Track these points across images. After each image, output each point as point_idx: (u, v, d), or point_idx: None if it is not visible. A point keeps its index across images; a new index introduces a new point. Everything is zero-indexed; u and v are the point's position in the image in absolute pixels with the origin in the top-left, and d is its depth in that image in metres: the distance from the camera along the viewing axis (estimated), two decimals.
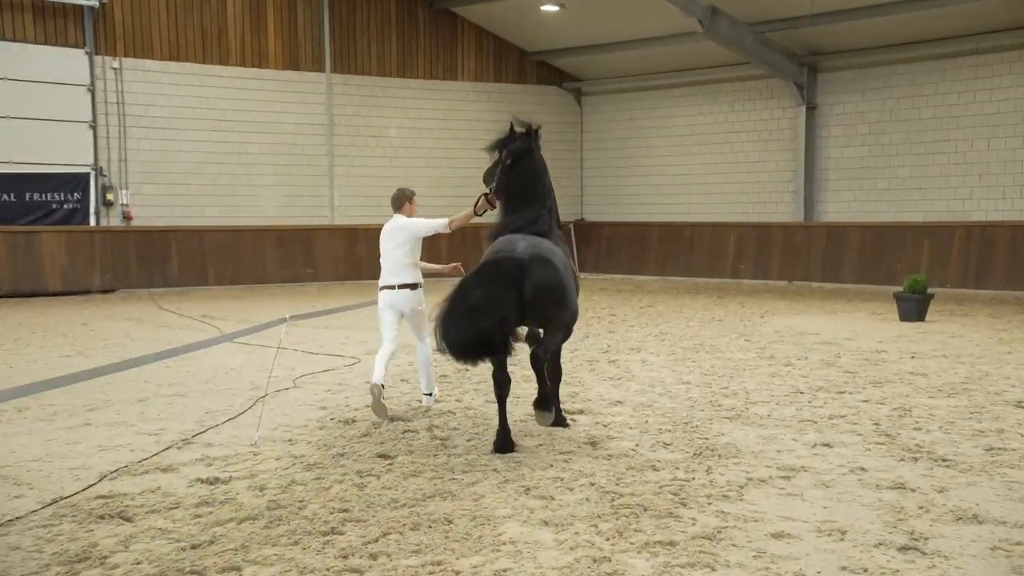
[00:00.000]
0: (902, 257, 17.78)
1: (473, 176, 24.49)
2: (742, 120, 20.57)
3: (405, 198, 7.89)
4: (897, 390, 8.03)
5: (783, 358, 9.88)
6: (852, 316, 13.79)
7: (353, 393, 8.18)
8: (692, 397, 7.85)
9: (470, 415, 7.21)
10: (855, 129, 18.98)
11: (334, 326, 12.78)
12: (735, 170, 20.76)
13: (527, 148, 6.79)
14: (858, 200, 19.01)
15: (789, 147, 19.85)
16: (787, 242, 19.56)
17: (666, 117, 21.86)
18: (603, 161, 23.15)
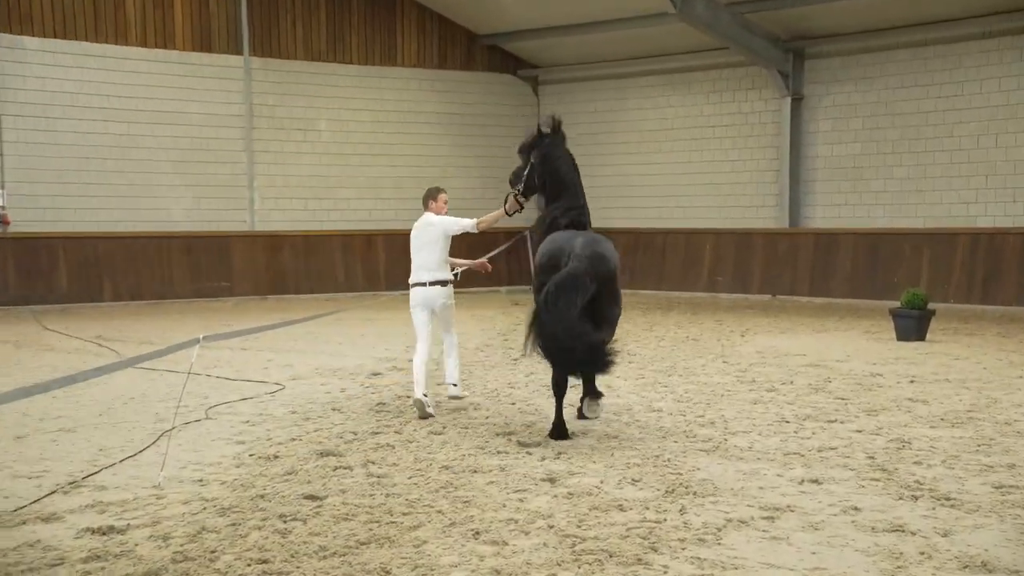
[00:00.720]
0: (899, 268, 18.12)
1: (418, 176, 24.91)
2: (719, 113, 20.87)
3: (430, 196, 9.22)
4: (894, 419, 8.17)
5: (766, 382, 10.00)
6: (843, 335, 14.01)
7: (276, 425, 8.09)
8: (664, 427, 7.91)
9: (411, 448, 7.18)
10: (846, 123, 19.35)
11: (254, 348, 12.65)
12: (712, 170, 21.04)
13: (559, 143, 8.26)
14: (850, 204, 19.37)
15: (772, 144, 20.18)
16: (770, 251, 19.86)
17: (634, 110, 22.10)
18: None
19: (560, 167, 8.15)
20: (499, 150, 23.01)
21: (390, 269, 21.24)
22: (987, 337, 13.55)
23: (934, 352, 12.13)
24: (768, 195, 20.36)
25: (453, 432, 7.75)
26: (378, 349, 12.74)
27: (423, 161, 22.04)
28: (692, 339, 13.59)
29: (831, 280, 19.00)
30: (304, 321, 12.99)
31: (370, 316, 16.60)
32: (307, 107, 20.87)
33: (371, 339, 13.74)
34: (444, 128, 22.33)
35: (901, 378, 10.21)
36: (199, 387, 9.72)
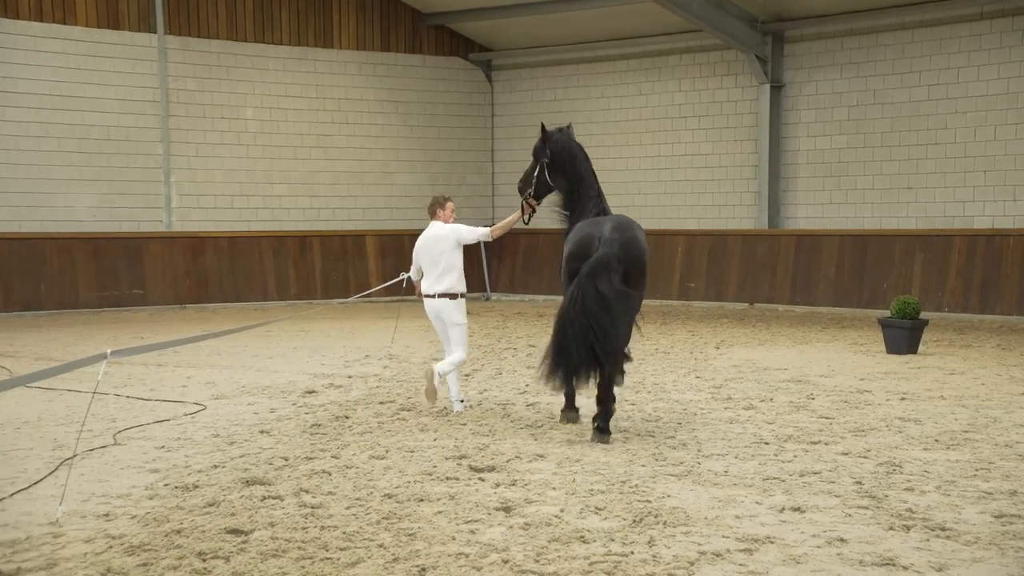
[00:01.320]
0: (889, 274, 18.37)
1: (358, 171, 24.84)
2: (691, 102, 21.05)
3: (437, 205, 9.80)
4: (884, 440, 8.26)
5: (743, 400, 10.08)
6: (828, 347, 14.17)
7: (195, 450, 8.00)
8: (631, 449, 7.93)
9: (350, 475, 7.13)
10: (831, 114, 19.60)
11: (171, 364, 12.50)
12: (683, 165, 21.21)
13: (566, 139, 9.28)
14: (835, 202, 19.61)
15: (750, 136, 20.39)
16: (747, 255, 20.05)
17: (598, 99, 22.22)
18: (520, 153, 23.23)
19: (570, 161, 9.12)
20: (448, 142, 23.04)
21: (327, 275, 21.16)
22: (985, 350, 13.77)
23: (927, 366, 12.31)
24: (745, 193, 20.56)
25: (397, 456, 7.71)
26: (313, 364, 12.66)
27: (363, 154, 21.99)
28: (662, 352, 13.66)
29: (814, 287, 19.20)
30: (229, 333, 12.87)
31: (304, 328, 16.50)
32: (231, 93, 20.70)
33: (305, 353, 13.65)
34: (387, 118, 22.27)
35: (891, 395, 10.34)
36: (106, 408, 9.57)
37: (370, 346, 14.31)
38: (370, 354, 13.53)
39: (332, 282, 21.22)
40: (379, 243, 21.77)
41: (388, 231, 22.00)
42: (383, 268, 21.37)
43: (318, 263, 21.21)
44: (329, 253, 21.23)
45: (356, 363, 12.79)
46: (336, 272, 21.32)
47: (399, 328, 15.09)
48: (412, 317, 17.85)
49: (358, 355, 13.46)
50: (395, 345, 14.15)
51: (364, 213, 22.06)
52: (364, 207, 22.06)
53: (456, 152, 23.12)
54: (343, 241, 21.47)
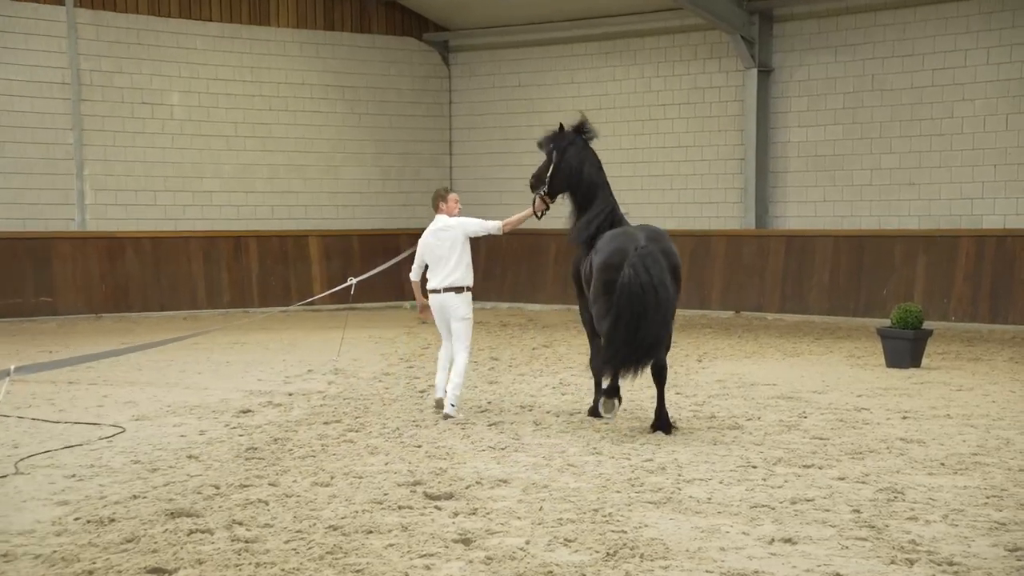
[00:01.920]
0: (889, 279, 18.48)
1: (300, 164, 24.66)
2: (671, 89, 21.13)
3: (439, 198, 10.48)
4: (884, 463, 8.31)
5: (728, 418, 10.11)
6: (821, 360, 14.24)
7: (112, 479, 7.90)
8: (604, 473, 7.93)
9: (290, 505, 7.08)
10: (825, 101, 19.70)
11: (85, 381, 12.36)
12: (661, 158, 21.28)
13: (583, 143, 10.35)
14: (829, 200, 19.72)
15: (735, 126, 20.49)
16: (732, 258, 20.14)
17: (567, 84, 22.25)
18: (480, 144, 23.32)
19: (586, 169, 10.21)
20: (401, 131, 22.98)
21: (265, 280, 21.02)
22: (996, 363, 13.88)
23: (932, 381, 12.40)
24: (730, 189, 20.65)
25: (343, 483, 7.67)
26: (248, 380, 12.58)
27: (305, 145, 21.87)
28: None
29: (806, 293, 19.31)
30: (153, 347, 12.76)
31: (239, 339, 16.40)
32: (154, 75, 20.51)
33: (239, 368, 13.57)
34: (331, 105, 22.17)
35: (892, 413, 10.40)
36: (7, 433, 9.45)
37: (313, 360, 14.23)
38: (313, 369, 13.46)
39: (270, 288, 21.06)
40: (323, 244, 21.66)
41: (333, 231, 21.91)
42: (328, 272, 21.27)
43: (254, 267, 21.07)
44: (267, 256, 21.08)
45: (297, 379, 12.71)
46: (275, 277, 21.18)
47: (346, 339, 15.02)
48: (360, 326, 17.80)
49: (300, 370, 13.39)
50: (342, 359, 14.08)
51: (306, 211, 21.94)
52: (306, 204, 21.94)
53: (409, 143, 23.06)
54: (283, 242, 21.34)
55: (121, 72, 20.22)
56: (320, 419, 10.10)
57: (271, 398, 11.33)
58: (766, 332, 17.42)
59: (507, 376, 12.84)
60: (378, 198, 22.68)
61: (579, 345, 15.67)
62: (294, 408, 10.77)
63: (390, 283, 21.14)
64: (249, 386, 12.16)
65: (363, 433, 9.47)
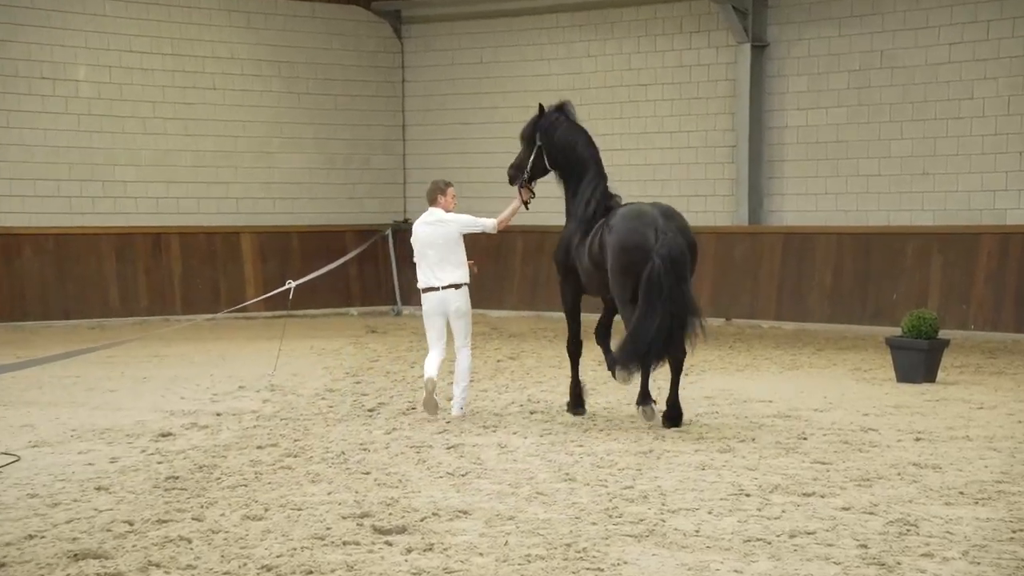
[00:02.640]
0: (900, 282, 18.54)
1: (229, 150, 24.35)
2: (652, 66, 21.14)
3: (438, 191, 11.33)
4: (895, 492, 8.31)
5: (718, 440, 10.10)
6: (823, 374, 14.28)
7: (4, 515, 7.76)
8: (578, 503, 7.90)
9: (216, 543, 7.02)
10: (827, 80, 19.71)
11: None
12: (642, 145, 21.29)
13: (568, 119, 11.49)
14: (832, 192, 19.76)
15: (726, 109, 20.54)
16: (723, 258, 20.18)
17: (534, 61, 22.22)
18: (437, 129, 23.24)
19: (579, 146, 11.40)
20: (347, 114, 22.87)
21: (189, 283, 20.81)
22: (1022, 378, 13.95)
23: (949, 398, 12.43)
24: (720, 180, 20.70)
25: (279, 516, 7.60)
26: (169, 399, 12.49)
27: (237, 129, 21.72)
28: (617, 379, 13.67)
29: (806, 298, 19.36)
30: (56, 360, 12.63)
31: (158, 352, 16.31)
32: (55, 46, 20.22)
33: (159, 385, 13.47)
34: (266, 83, 22.05)
35: (903, 434, 10.42)
36: None
37: (246, 374, 14.16)
38: (246, 385, 13.40)
39: (196, 292, 20.88)
40: (258, 242, 21.52)
41: (270, 227, 21.79)
42: (264, 274, 21.17)
43: (177, 268, 20.89)
44: (192, 255, 20.89)
45: (227, 397, 12.64)
46: (201, 280, 21.00)
47: (284, 351, 14.92)
48: (301, 336, 17.70)
49: (230, 386, 13.31)
50: (278, 373, 14.00)
51: (238, 204, 21.79)
52: (238, 196, 21.79)
53: (357, 127, 22.97)
54: (210, 240, 21.18)
55: (15, 41, 19.91)
56: (253, 443, 10.01)
57: (196, 419, 11.23)
58: (760, 342, 17.47)
59: (468, 393, 12.78)
60: (321, 190, 22.58)
61: (550, 357, 15.65)
62: (223, 430, 10.67)
63: (335, 287, 21.09)
64: (170, 405, 12.06)
65: (303, 458, 9.40)
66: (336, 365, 15.13)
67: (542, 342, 17.47)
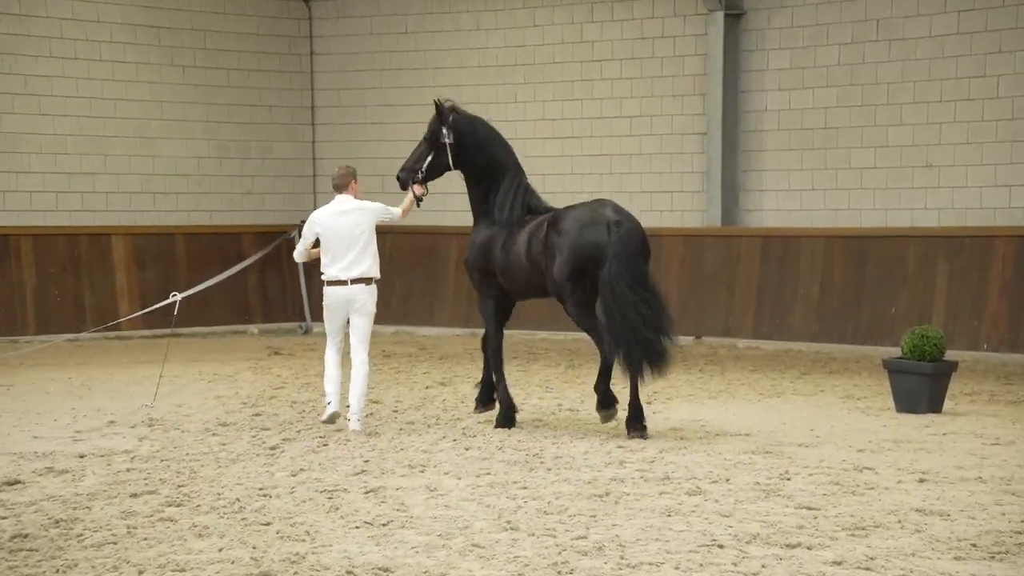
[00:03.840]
0: (900, 293, 18.70)
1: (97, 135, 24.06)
2: (609, 39, 21.24)
3: (351, 176, 12.53)
4: (895, 543, 8.32)
5: (687, 479, 10.11)
6: (809, 402, 14.36)
7: None
8: (522, 557, 7.88)
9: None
10: (814, 55, 19.82)
11: None
12: (597, 132, 21.41)
13: (475, 117, 12.95)
14: (820, 188, 19.90)
15: (695, 89, 20.67)
16: (691, 265, 20.30)
17: (470, 32, 22.27)
18: (354, 112, 23.20)
19: (494, 143, 12.83)
20: (244, 93, 22.75)
21: (44, 296, 20.51)
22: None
23: (958, 432, 12.49)
24: (688, 173, 20.82)
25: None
26: (18, 438, 12.32)
27: (106, 109, 21.50)
28: (568, 409, 13.74)
29: (789, 312, 19.49)
30: None
31: (4, 380, 16.13)
32: None
33: (5, 421, 13.28)
34: (143, 53, 21.88)
35: (904, 474, 10.45)
36: None
37: (117, 407, 14.04)
38: (117, 419, 13.26)
39: (53, 307, 20.61)
40: (133, 246, 21.32)
41: (148, 228, 21.64)
42: (141, 285, 21.01)
43: (29, 278, 20.57)
44: (48, 261, 20.59)
45: (93, 434, 12.49)
46: (61, 292, 20.74)
47: (166, 378, 14.79)
48: (188, 360, 17.57)
49: (97, 421, 13.18)
50: (159, 405, 13.93)
51: (108, 200, 21.59)
52: (108, 191, 21.60)
53: (257, 109, 22.89)
54: (72, 243, 20.93)
55: None
56: (126, 490, 9.86)
57: (52, 462, 11.04)
58: (736, 364, 17.55)
59: (391, 425, 12.78)
60: (212, 183, 22.44)
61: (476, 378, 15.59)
62: (87, 475, 10.50)
63: (230, 300, 20.99)
64: (19, 446, 11.85)
65: (188, 508, 9.29)
66: (231, 394, 15.05)
67: (479, 365, 17.40)
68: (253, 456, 11.24)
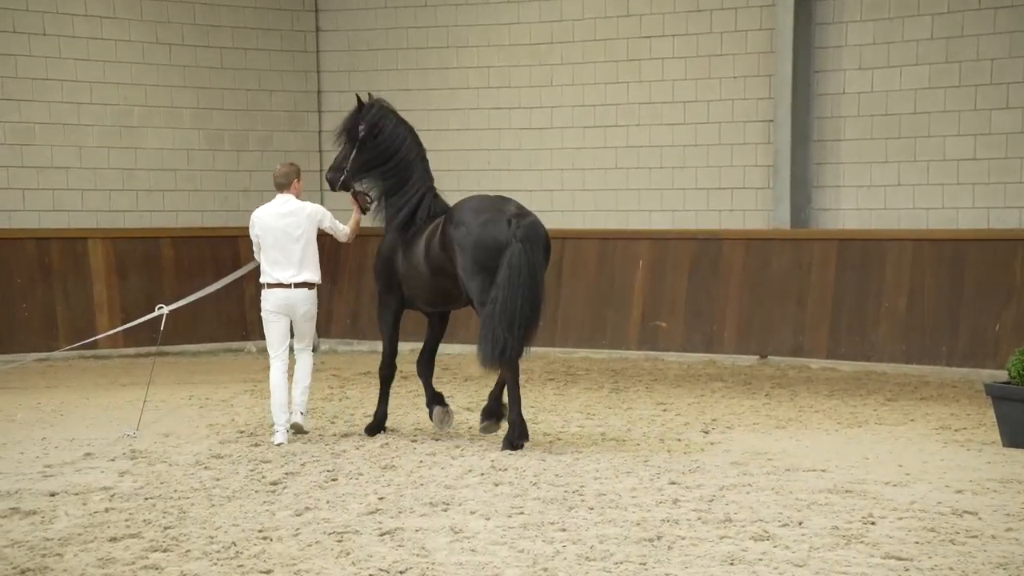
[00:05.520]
0: (1005, 307, 18.56)
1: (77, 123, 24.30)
2: (663, 13, 21.26)
3: (294, 174, 13.88)
4: None
5: (752, 522, 10.08)
6: (896, 433, 14.29)
7: None
8: None
9: None
10: (901, 28, 19.63)
11: None
12: (645, 120, 21.45)
13: (387, 112, 14.05)
14: (907, 184, 19.79)
15: (760, 70, 20.68)
16: (755, 273, 20.28)
17: (503, 5, 22.33)
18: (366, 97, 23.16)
19: (398, 140, 13.76)
20: (242, 75, 22.97)
21: (10, 308, 20.62)
22: None
23: None
24: (752, 168, 20.82)
25: None
26: None
27: (81, 92, 21.70)
28: (611, 439, 13.72)
29: (871, 328, 19.41)
30: None
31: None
32: None
33: None
34: (122, 28, 22.00)
35: (1014, 520, 10.31)
36: None
37: (94, 436, 14.11)
38: (94, 451, 13.30)
39: (22, 322, 20.68)
40: (113, 251, 21.36)
41: (130, 231, 21.71)
42: (122, 296, 21.06)
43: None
44: (16, 270, 20.66)
45: (67, 468, 12.53)
46: (30, 303, 20.79)
47: (151, 403, 14.83)
48: (176, 381, 17.61)
49: (71, 454, 13.21)
50: (143, 433, 14.00)
51: (84, 199, 21.67)
52: (84, 188, 21.69)
53: (255, 94, 23.00)
54: (42, 248, 20.96)
55: None
56: (104, 533, 9.87)
57: (18, 502, 11.06)
58: (808, 388, 17.50)
59: (409, 457, 12.77)
60: (204, 179, 22.53)
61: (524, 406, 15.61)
62: (59, 517, 10.50)
63: (224, 313, 21.00)
64: None
65: (176, 553, 9.33)
66: (225, 422, 15.12)
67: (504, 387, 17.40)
68: (251, 493, 11.26)
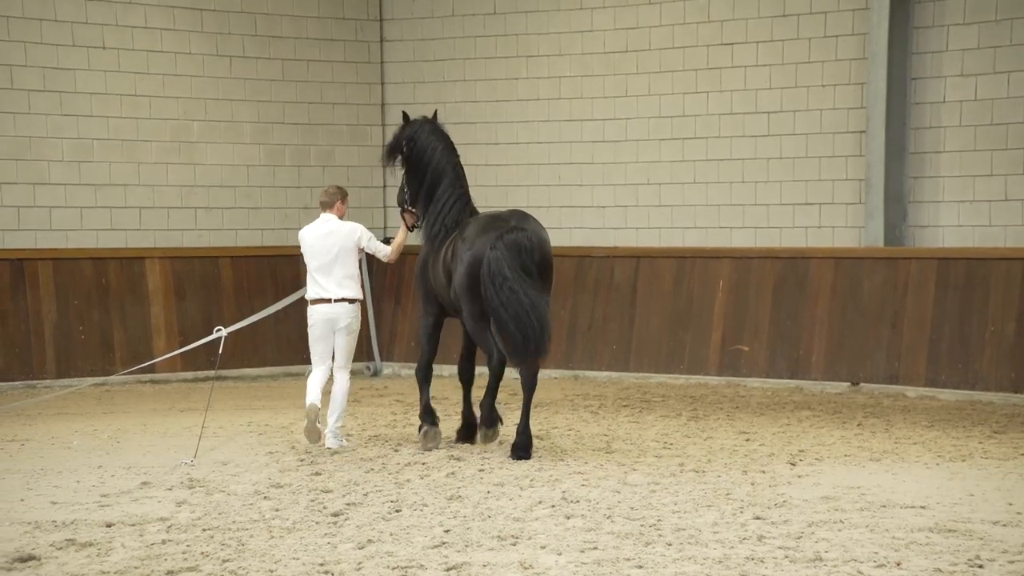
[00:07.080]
0: None
1: (135, 140, 24.39)
2: (746, 19, 21.23)
3: (339, 196, 14.86)
4: None
5: (844, 562, 10.00)
6: (1004, 468, 14.14)
7: None
8: None
9: None
10: (1009, 31, 19.40)
11: None
12: (725, 132, 21.41)
13: (427, 126, 15.06)
14: (1015, 199, 19.58)
15: (853, 77, 20.57)
16: (846, 294, 20.18)
17: (575, 12, 22.35)
18: (429, 109, 23.06)
19: (429, 150, 14.60)
20: (303, 88, 22.97)
21: (65, 331, 20.73)
22: None
23: None
24: (842, 181, 20.72)
25: None
26: (34, 504, 12.40)
27: (136, 107, 21.74)
28: (692, 470, 13.65)
29: (975, 353, 19.22)
30: None
31: (17, 434, 16.35)
32: None
33: (17, 483, 13.40)
34: (180, 40, 22.12)
35: None
36: None
37: (152, 464, 14.19)
38: (151, 480, 13.37)
39: (77, 345, 20.79)
40: (171, 272, 21.47)
41: (189, 250, 21.80)
42: (180, 318, 21.13)
43: (48, 310, 20.73)
44: (71, 290, 20.77)
45: (123, 498, 12.59)
46: (86, 325, 20.91)
47: (210, 429, 14.88)
48: (235, 407, 17.66)
49: (127, 483, 13.29)
50: (201, 462, 14.06)
51: (142, 217, 21.82)
52: (140, 206, 21.81)
53: (317, 108, 23.08)
54: (99, 268, 21.08)
55: None
56: (161, 566, 9.91)
57: (74, 533, 11.12)
58: (905, 418, 17.38)
59: (476, 487, 12.76)
60: (264, 196, 22.60)
61: (593, 436, 15.61)
62: (115, 549, 10.55)
63: (284, 336, 21.02)
64: (34, 513, 11.95)
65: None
66: (285, 449, 15.10)
67: (579, 411, 17.38)
68: (312, 524, 11.28)
